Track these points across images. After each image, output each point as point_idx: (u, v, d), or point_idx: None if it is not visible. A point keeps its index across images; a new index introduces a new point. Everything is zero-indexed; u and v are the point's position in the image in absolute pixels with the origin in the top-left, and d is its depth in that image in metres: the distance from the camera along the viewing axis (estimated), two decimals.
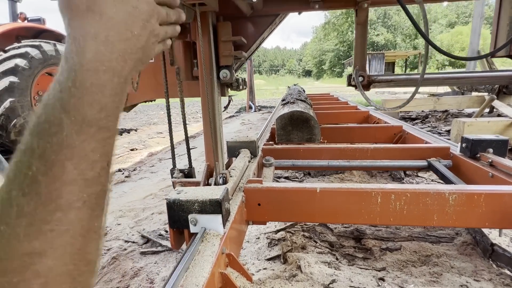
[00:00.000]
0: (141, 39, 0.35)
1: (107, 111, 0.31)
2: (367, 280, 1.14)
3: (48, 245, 0.25)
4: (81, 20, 0.31)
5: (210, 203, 0.86)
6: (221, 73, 1.21)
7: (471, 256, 1.32)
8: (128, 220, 1.92)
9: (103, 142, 0.31)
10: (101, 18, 0.31)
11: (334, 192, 1.12)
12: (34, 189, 0.25)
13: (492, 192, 1.04)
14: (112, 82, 0.32)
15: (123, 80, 0.34)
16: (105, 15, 0.31)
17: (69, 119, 0.28)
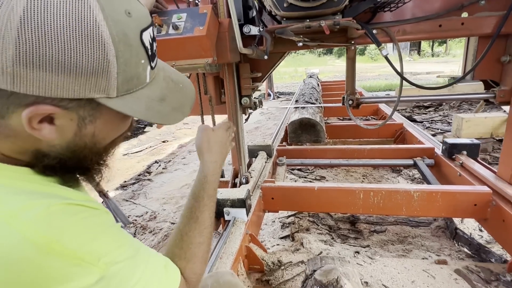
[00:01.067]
0: (226, 152, 0.78)
1: (215, 188, 0.71)
2: (350, 253, 1.54)
3: (204, 239, 0.63)
4: (206, 155, 0.73)
5: (237, 200, 1.28)
6: (242, 100, 1.60)
7: (440, 237, 1.68)
8: (171, 206, 2.41)
9: (214, 201, 0.70)
10: (213, 153, 0.73)
11: (328, 190, 1.51)
12: (195, 220, 0.65)
13: (446, 191, 1.39)
14: (218, 176, 0.73)
15: (220, 172, 0.74)
16: (215, 152, 0.74)
17: (205, 193, 0.68)
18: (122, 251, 0.43)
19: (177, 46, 1.08)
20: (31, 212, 0.35)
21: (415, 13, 1.39)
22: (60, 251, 0.34)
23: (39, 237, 0.33)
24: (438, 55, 23.18)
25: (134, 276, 0.43)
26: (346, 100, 1.54)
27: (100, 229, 0.41)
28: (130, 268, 0.43)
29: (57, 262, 0.34)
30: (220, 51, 1.22)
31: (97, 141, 0.46)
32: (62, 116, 0.39)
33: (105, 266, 0.39)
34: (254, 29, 1.33)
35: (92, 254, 0.38)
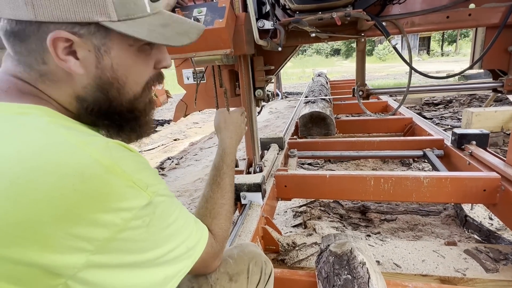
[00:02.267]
0: (241, 132, 0.91)
1: (233, 160, 0.82)
2: (360, 236, 1.59)
3: (226, 201, 0.73)
4: (223, 132, 0.84)
5: (254, 185, 1.35)
6: (256, 92, 1.67)
7: (450, 225, 1.71)
8: (185, 198, 2.49)
9: (232, 171, 0.80)
10: (229, 131, 0.84)
11: (339, 177, 1.56)
12: (217, 185, 0.74)
13: (455, 177, 1.43)
14: (234, 150, 0.84)
15: (236, 148, 0.85)
16: (230, 130, 0.85)
17: (224, 163, 0.78)
18: (163, 188, 0.49)
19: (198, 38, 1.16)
20: (96, 144, 0.43)
21: (423, 5, 1.44)
22: (120, 173, 0.42)
23: (105, 160, 0.41)
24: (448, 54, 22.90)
25: (173, 213, 0.50)
26: (356, 91, 1.60)
27: (145, 166, 0.48)
28: (170, 204, 0.50)
29: (118, 181, 0.41)
30: (237, 43, 1.29)
31: (120, 77, 0.51)
32: (80, 46, 0.46)
33: (152, 194, 0.45)
34: (267, 24, 1.41)
35: (142, 181, 0.44)
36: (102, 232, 0.39)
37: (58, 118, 0.47)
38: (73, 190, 0.38)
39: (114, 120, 0.55)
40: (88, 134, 0.47)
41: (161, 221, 0.47)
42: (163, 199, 0.48)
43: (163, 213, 0.47)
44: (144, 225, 0.44)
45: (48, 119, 0.44)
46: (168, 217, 0.49)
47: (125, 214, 0.41)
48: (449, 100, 5.22)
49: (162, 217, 0.47)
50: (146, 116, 0.59)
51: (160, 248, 0.47)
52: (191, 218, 0.57)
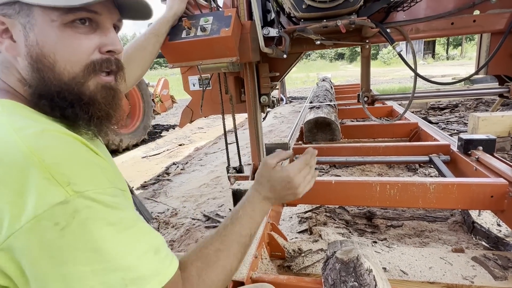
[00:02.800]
0: (283, 195, 0.71)
1: (255, 210, 0.68)
2: (366, 243, 1.58)
3: (224, 248, 0.58)
4: (255, 183, 0.72)
5: None
6: (261, 98, 1.68)
7: (458, 231, 1.70)
8: (191, 203, 2.50)
9: (252, 223, 0.66)
10: (262, 185, 0.71)
11: (345, 183, 1.56)
12: (224, 228, 0.61)
13: (462, 183, 1.43)
14: (260, 204, 0.69)
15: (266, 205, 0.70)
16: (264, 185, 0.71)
17: (241, 209, 0.67)
18: (100, 194, 0.42)
19: (204, 46, 1.18)
20: (28, 130, 0.42)
21: (428, 12, 1.45)
22: (37, 162, 0.39)
23: (27, 147, 0.40)
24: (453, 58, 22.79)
25: (108, 229, 0.41)
26: (361, 97, 1.60)
27: (83, 162, 0.44)
28: (104, 216, 0.41)
29: (34, 171, 0.39)
30: (243, 51, 1.31)
31: (46, 54, 0.49)
32: (12, 27, 0.49)
33: (73, 193, 0.39)
34: (272, 31, 1.43)
35: (63, 175, 0.40)
36: (5, 222, 0.37)
37: (12, 108, 0.48)
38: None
39: (59, 104, 0.51)
40: (32, 120, 0.46)
41: (84, 232, 0.39)
42: (91, 205, 0.41)
43: (88, 223, 0.40)
44: (57, 229, 0.38)
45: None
46: (97, 230, 0.40)
47: (35, 209, 0.37)
48: (455, 104, 5.19)
49: (85, 227, 0.40)
50: (102, 105, 0.55)
51: (75, 267, 0.38)
52: (147, 244, 0.46)
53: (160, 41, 1.10)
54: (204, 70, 1.46)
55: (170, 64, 1.30)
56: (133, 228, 0.45)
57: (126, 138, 4.69)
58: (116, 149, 4.54)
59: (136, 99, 5.11)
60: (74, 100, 0.52)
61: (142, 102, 5.17)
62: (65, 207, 0.39)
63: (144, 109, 5.21)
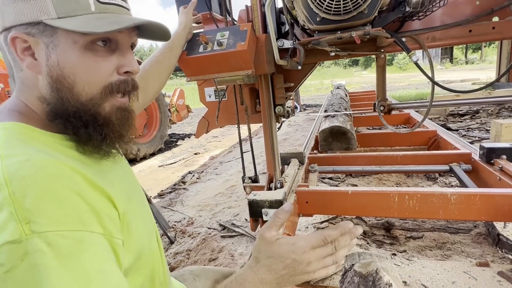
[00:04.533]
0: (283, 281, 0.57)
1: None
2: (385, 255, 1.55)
3: None
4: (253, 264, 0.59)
5: (275, 201, 1.36)
6: (276, 109, 1.70)
7: (482, 244, 1.63)
8: (207, 212, 2.53)
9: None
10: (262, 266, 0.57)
11: (362, 194, 1.54)
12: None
13: (485, 193, 1.38)
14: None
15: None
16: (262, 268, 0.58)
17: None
18: (60, 237, 0.38)
19: (221, 60, 1.21)
20: (14, 159, 0.42)
21: (444, 20, 1.43)
22: (7, 194, 0.37)
23: (3, 177, 0.39)
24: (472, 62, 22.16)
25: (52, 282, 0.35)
26: (377, 106, 1.59)
27: (55, 198, 0.40)
28: (56, 265, 0.36)
29: (3, 203, 0.37)
30: (258, 63, 1.34)
31: (66, 75, 0.50)
32: (35, 46, 0.50)
33: (29, 233, 0.36)
34: (287, 43, 1.45)
35: (25, 212, 0.37)
36: None
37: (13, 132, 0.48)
38: None
39: (74, 124, 0.52)
40: (26, 147, 0.45)
41: (29, 280, 0.35)
42: (45, 250, 0.36)
43: (37, 270, 0.35)
44: (0, 272, 0.34)
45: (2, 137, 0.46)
46: (45, 282, 0.35)
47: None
48: (476, 110, 5.03)
49: (32, 274, 0.35)
50: (116, 127, 0.56)
51: None
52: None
53: (175, 55, 1.14)
54: (220, 82, 1.49)
55: (188, 78, 1.34)
56: (91, 283, 0.38)
57: (143, 148, 4.82)
58: (134, 158, 4.67)
59: (153, 110, 5.25)
60: (89, 120, 0.53)
61: (159, 112, 5.30)
62: (16, 247, 0.35)
63: (161, 119, 5.34)
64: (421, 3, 1.18)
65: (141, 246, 0.56)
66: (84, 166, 0.50)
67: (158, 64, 1.07)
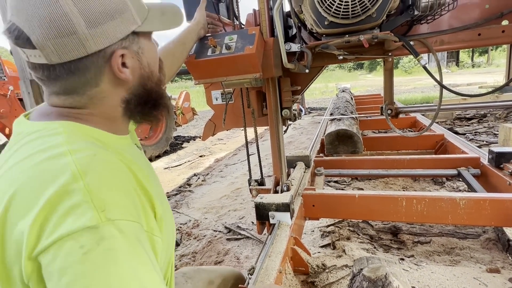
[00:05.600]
0: None
1: None
2: (393, 260, 1.53)
3: None
4: None
5: (282, 204, 1.36)
6: (283, 112, 1.70)
7: (491, 249, 1.61)
8: (212, 215, 2.53)
9: None
10: None
11: (369, 197, 1.53)
12: None
13: (495, 198, 1.36)
14: None
15: None
16: None
17: None
18: (129, 227, 0.43)
19: (229, 63, 1.22)
20: (83, 153, 0.46)
21: (453, 23, 1.43)
22: (82, 185, 0.42)
23: (76, 170, 0.43)
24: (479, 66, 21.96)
25: (121, 267, 0.40)
26: (385, 110, 1.58)
27: (123, 191, 0.45)
28: (126, 251, 0.40)
29: (78, 193, 0.41)
30: (266, 67, 1.34)
31: (152, 69, 0.60)
32: (128, 56, 0.54)
33: (105, 220, 0.40)
34: (294, 46, 1.45)
35: (100, 202, 0.41)
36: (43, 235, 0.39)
37: (74, 129, 0.51)
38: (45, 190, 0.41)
39: (148, 107, 0.61)
40: (89, 143, 0.49)
41: (103, 263, 0.39)
42: (117, 236, 0.41)
43: (110, 254, 0.39)
44: (80, 252, 0.38)
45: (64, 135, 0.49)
46: (115, 266, 0.39)
47: (67, 229, 0.39)
48: (483, 114, 4.98)
49: (106, 258, 0.39)
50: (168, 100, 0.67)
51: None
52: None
53: (187, 49, 1.16)
54: (228, 85, 1.50)
55: (196, 81, 1.35)
56: (148, 273, 0.43)
57: (149, 150, 4.84)
58: None
59: None
60: (159, 98, 0.63)
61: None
62: (94, 232, 0.39)
63: (167, 121, 5.36)
64: (429, 7, 1.18)
65: (167, 249, 0.59)
66: (132, 164, 0.54)
67: (171, 56, 1.09)
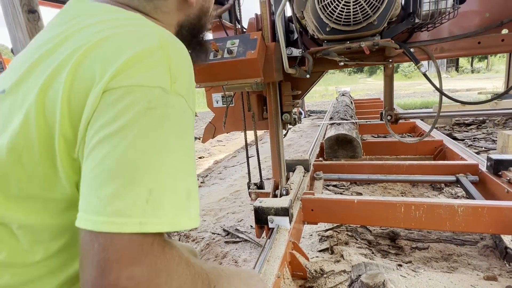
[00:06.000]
0: None
1: None
2: (392, 266, 1.53)
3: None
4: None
5: (281, 209, 1.36)
6: (283, 116, 1.71)
7: (489, 256, 1.61)
8: (211, 217, 2.53)
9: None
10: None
11: (368, 203, 1.54)
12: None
13: (493, 206, 1.37)
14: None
15: None
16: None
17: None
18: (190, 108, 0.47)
19: (231, 68, 1.23)
20: (165, 31, 0.50)
21: (453, 31, 1.44)
22: (165, 53, 0.45)
23: (161, 40, 0.47)
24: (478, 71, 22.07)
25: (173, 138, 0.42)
26: (384, 116, 1.59)
27: (191, 74, 0.51)
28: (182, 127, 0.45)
29: (160, 57, 0.45)
30: (267, 71, 1.35)
31: (210, 6, 0.67)
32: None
33: (173, 89, 0.44)
34: (295, 51, 1.46)
35: (175, 73, 0.45)
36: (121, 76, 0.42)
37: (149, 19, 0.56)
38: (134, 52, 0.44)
39: (196, 40, 0.68)
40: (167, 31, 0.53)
41: (159, 125, 0.41)
42: (179, 109, 0.45)
43: (168, 120, 0.42)
44: (145, 105, 0.41)
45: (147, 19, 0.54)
46: (169, 134, 0.42)
47: (144, 80, 0.42)
48: (482, 120, 5.00)
49: (164, 121, 0.42)
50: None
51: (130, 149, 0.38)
52: (189, 184, 0.43)
53: None
54: (229, 89, 1.50)
55: (197, 84, 1.35)
56: (190, 158, 0.45)
57: None
58: None
59: None
60: (206, 43, 0.72)
61: None
62: (164, 94, 0.42)
63: None
64: (430, 15, 1.19)
65: None
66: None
67: None
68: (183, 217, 0.41)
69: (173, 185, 0.41)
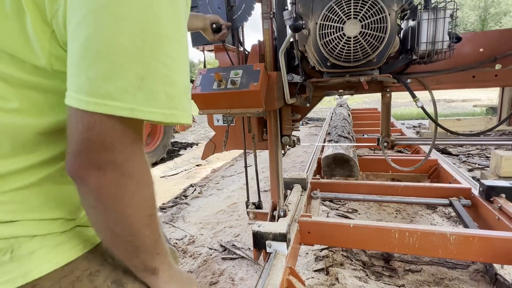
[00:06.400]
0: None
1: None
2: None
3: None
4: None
5: (279, 235, 1.39)
6: (283, 139, 1.75)
7: (479, 282, 1.66)
8: (208, 231, 2.55)
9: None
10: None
11: (363, 228, 1.58)
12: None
13: (483, 236, 1.41)
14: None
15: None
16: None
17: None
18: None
19: (234, 98, 1.26)
20: None
21: (449, 64, 1.49)
22: None
23: None
24: None
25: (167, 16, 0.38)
26: (381, 142, 1.64)
27: None
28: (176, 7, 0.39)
29: None
30: (268, 100, 1.39)
31: None
32: None
33: None
34: (296, 77, 1.51)
35: None
36: None
37: None
38: None
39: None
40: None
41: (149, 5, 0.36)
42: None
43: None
44: None
45: None
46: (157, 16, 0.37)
47: None
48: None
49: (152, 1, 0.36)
50: None
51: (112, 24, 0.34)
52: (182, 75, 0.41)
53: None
54: (232, 114, 1.54)
55: (200, 111, 1.39)
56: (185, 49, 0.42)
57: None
58: None
59: None
60: None
61: None
62: None
63: (165, 128, 5.38)
64: (427, 54, 1.24)
65: None
66: None
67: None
68: (178, 110, 0.41)
69: (167, 75, 0.38)
